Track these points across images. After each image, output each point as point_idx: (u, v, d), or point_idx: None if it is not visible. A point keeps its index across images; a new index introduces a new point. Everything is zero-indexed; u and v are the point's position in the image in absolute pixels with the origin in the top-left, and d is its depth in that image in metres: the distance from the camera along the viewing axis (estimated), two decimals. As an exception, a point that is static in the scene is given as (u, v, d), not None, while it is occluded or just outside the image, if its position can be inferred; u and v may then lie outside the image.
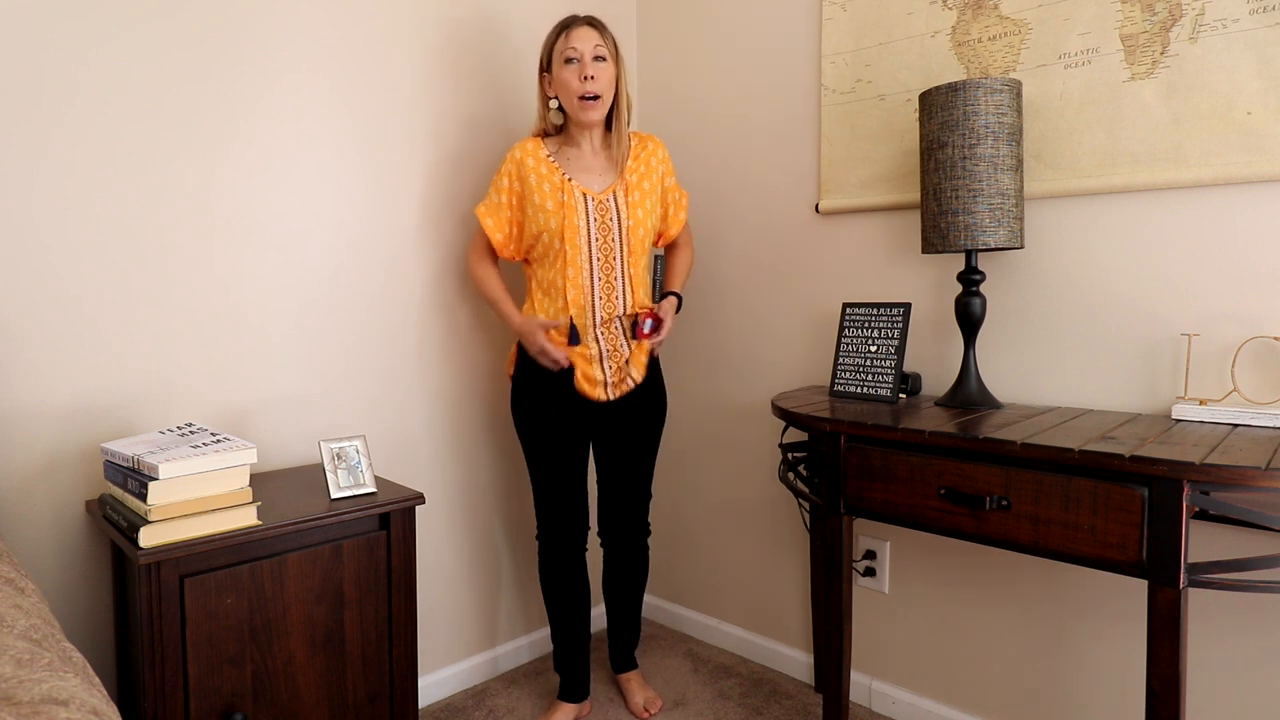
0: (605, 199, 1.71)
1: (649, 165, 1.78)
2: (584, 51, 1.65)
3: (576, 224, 1.68)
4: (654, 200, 1.78)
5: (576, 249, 1.68)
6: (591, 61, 1.65)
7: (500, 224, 1.76)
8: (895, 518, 1.41)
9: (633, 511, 1.87)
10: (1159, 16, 1.43)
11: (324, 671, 1.38)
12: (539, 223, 1.70)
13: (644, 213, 1.74)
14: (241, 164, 1.60)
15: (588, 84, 1.65)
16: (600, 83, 1.66)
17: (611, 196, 1.71)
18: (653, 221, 1.78)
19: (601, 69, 1.66)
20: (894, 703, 1.88)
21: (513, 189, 1.74)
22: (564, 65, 1.66)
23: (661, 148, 1.81)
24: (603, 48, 1.66)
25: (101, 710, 0.65)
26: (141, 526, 1.18)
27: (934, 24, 1.73)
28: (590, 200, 1.70)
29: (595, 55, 1.65)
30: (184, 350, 1.54)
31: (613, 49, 1.69)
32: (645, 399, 1.81)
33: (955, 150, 1.48)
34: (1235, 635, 1.41)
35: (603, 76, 1.66)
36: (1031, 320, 1.63)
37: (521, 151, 1.73)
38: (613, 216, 1.71)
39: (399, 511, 1.47)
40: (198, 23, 1.52)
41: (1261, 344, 1.37)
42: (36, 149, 1.36)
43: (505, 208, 1.75)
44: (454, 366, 1.99)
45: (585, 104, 1.66)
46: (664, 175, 1.81)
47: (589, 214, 1.69)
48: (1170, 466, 1.08)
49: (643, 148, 1.79)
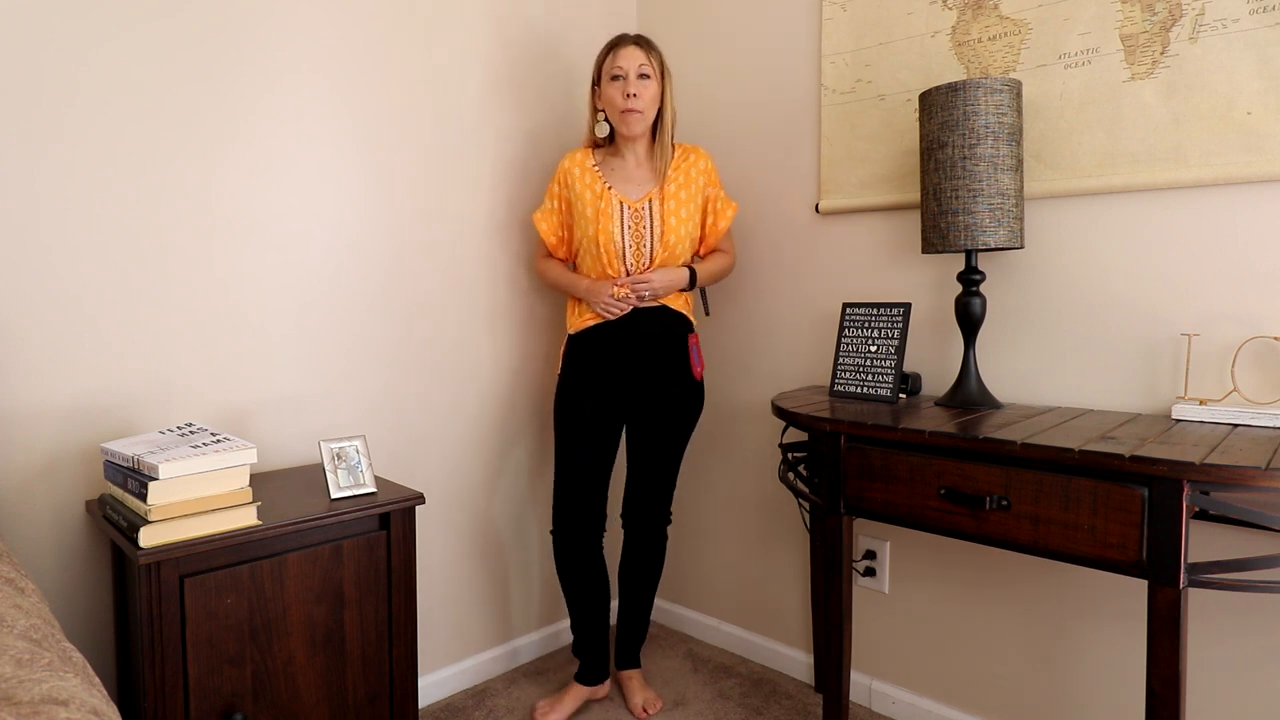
0: (641, 206, 1.79)
1: (688, 175, 1.85)
2: (629, 69, 1.75)
3: (611, 230, 1.78)
4: (692, 209, 1.84)
5: (611, 253, 1.78)
6: (636, 80, 1.76)
7: (553, 227, 1.90)
8: (895, 518, 1.41)
9: (657, 496, 1.92)
10: (1159, 16, 1.43)
11: (324, 671, 1.38)
12: (581, 228, 1.83)
13: (678, 220, 1.81)
14: (241, 164, 1.60)
15: (631, 100, 1.75)
16: (643, 99, 1.76)
17: (647, 204, 1.80)
18: (689, 229, 1.83)
19: (645, 86, 1.76)
20: (894, 703, 1.88)
21: (561, 195, 1.88)
22: (610, 82, 1.78)
23: (705, 159, 1.88)
24: (647, 66, 1.76)
25: (101, 710, 0.65)
26: (141, 526, 1.18)
27: (934, 24, 1.73)
28: (626, 208, 1.80)
29: (640, 73, 1.76)
30: (184, 350, 1.54)
31: (658, 67, 1.79)
32: (684, 386, 1.86)
33: (955, 150, 1.48)
34: (1235, 635, 1.41)
35: (645, 94, 1.76)
36: (1031, 320, 1.63)
37: (570, 161, 1.87)
38: (646, 224, 1.79)
39: (399, 511, 1.47)
40: (198, 23, 1.52)
41: (1261, 344, 1.37)
42: (37, 149, 1.36)
43: (555, 212, 1.90)
44: (454, 366, 1.99)
45: (626, 117, 1.77)
46: (706, 185, 1.87)
47: (624, 220, 1.79)
48: (1170, 466, 1.08)
49: (685, 158, 1.86)
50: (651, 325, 1.82)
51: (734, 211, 1.91)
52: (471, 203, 2.00)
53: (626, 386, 1.85)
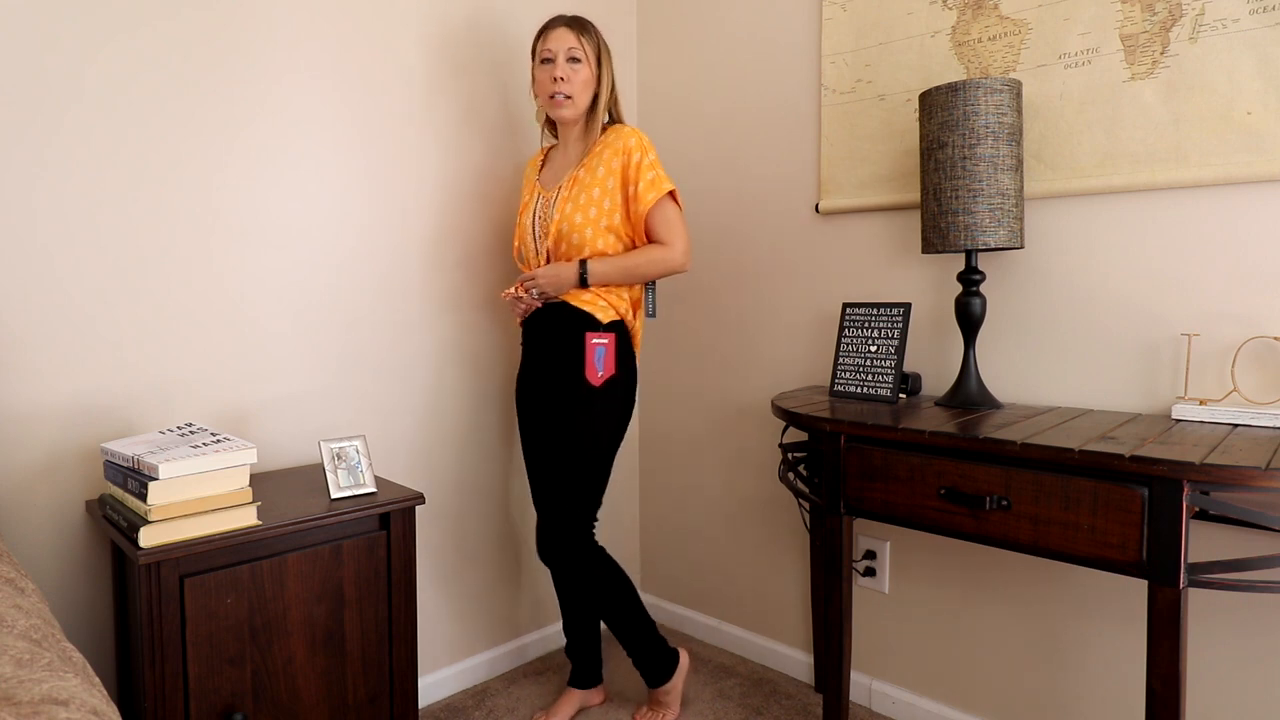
0: (551, 196, 1.74)
1: (602, 157, 1.68)
2: (557, 52, 1.67)
3: (525, 223, 1.77)
4: (597, 194, 1.66)
5: (528, 247, 1.77)
6: (565, 63, 1.67)
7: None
8: (895, 518, 1.41)
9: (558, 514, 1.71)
10: (1159, 16, 1.43)
11: (324, 671, 1.38)
12: None
13: (574, 207, 1.66)
14: (242, 164, 1.60)
15: (558, 84, 1.67)
16: (572, 84, 1.67)
17: (558, 189, 1.72)
18: (588, 216, 1.65)
19: (575, 70, 1.67)
20: (894, 703, 1.88)
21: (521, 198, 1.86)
22: (540, 65, 1.70)
23: (631, 136, 1.67)
24: (578, 49, 1.67)
25: (101, 710, 0.65)
26: (141, 526, 1.18)
27: (934, 24, 1.73)
28: (540, 198, 1.76)
29: (569, 57, 1.67)
30: (184, 350, 1.54)
31: (593, 50, 1.69)
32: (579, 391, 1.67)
33: (955, 150, 1.48)
34: (1235, 635, 1.41)
35: (575, 78, 1.67)
36: (1031, 320, 1.63)
37: (530, 163, 1.85)
38: (550, 205, 1.72)
39: (399, 511, 1.47)
40: (199, 25, 1.52)
41: (1261, 344, 1.37)
42: (38, 150, 1.36)
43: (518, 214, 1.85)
44: (454, 366, 1.99)
45: (554, 102, 1.69)
46: (623, 166, 1.66)
47: (535, 212, 1.76)
48: (1170, 466, 1.08)
49: (606, 139, 1.69)
50: (547, 324, 1.72)
51: (660, 195, 1.64)
52: (473, 201, 2.00)
53: (531, 388, 1.80)
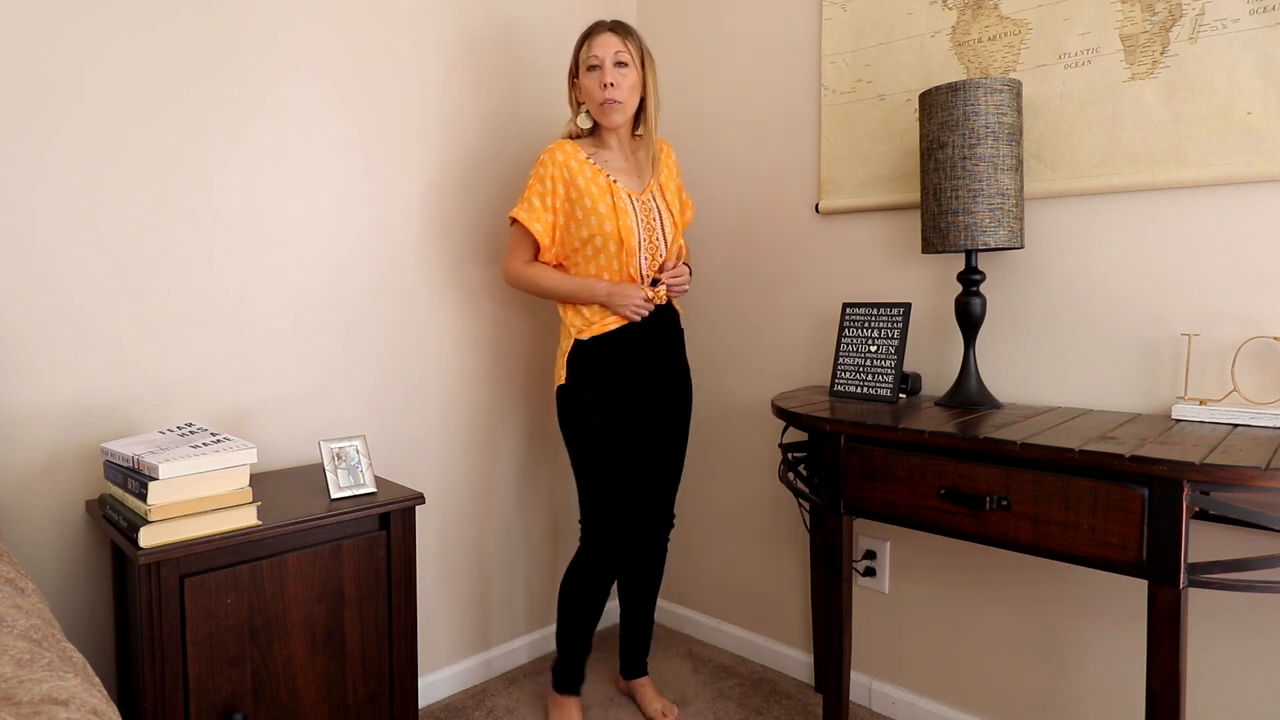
0: (647, 199, 1.74)
1: (669, 169, 1.83)
2: (604, 58, 1.67)
3: (631, 225, 1.69)
4: (677, 202, 1.84)
5: (632, 251, 1.69)
6: (612, 68, 1.67)
7: (548, 227, 1.72)
8: (895, 518, 1.41)
9: (669, 499, 1.89)
10: (1159, 16, 1.43)
11: (324, 671, 1.38)
12: (590, 225, 1.68)
13: (675, 212, 1.81)
14: (242, 164, 1.60)
15: (608, 90, 1.67)
16: (621, 89, 1.67)
17: (651, 197, 1.75)
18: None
19: (623, 74, 1.67)
20: (894, 703, 1.88)
21: (556, 192, 1.70)
22: (587, 72, 1.69)
23: (672, 150, 1.87)
24: (624, 53, 1.67)
25: (101, 710, 0.65)
26: (141, 526, 1.18)
27: (934, 24, 1.73)
28: (635, 201, 1.72)
29: (617, 61, 1.67)
30: (184, 350, 1.54)
31: (637, 53, 1.69)
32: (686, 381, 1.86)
33: (955, 150, 1.48)
34: (1235, 635, 1.41)
35: (624, 82, 1.68)
36: (1031, 320, 1.63)
37: (563, 154, 1.70)
38: (656, 217, 1.74)
39: (399, 511, 1.47)
40: (199, 25, 1.52)
41: (1261, 344, 1.37)
42: (38, 150, 1.36)
43: (549, 211, 1.71)
44: (454, 366, 1.99)
45: (605, 108, 1.68)
46: (677, 176, 1.86)
47: (636, 215, 1.71)
48: (1170, 466, 1.08)
49: (660, 150, 1.82)
50: (663, 322, 1.78)
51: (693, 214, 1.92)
52: (473, 202, 2.00)
53: (644, 388, 1.79)
